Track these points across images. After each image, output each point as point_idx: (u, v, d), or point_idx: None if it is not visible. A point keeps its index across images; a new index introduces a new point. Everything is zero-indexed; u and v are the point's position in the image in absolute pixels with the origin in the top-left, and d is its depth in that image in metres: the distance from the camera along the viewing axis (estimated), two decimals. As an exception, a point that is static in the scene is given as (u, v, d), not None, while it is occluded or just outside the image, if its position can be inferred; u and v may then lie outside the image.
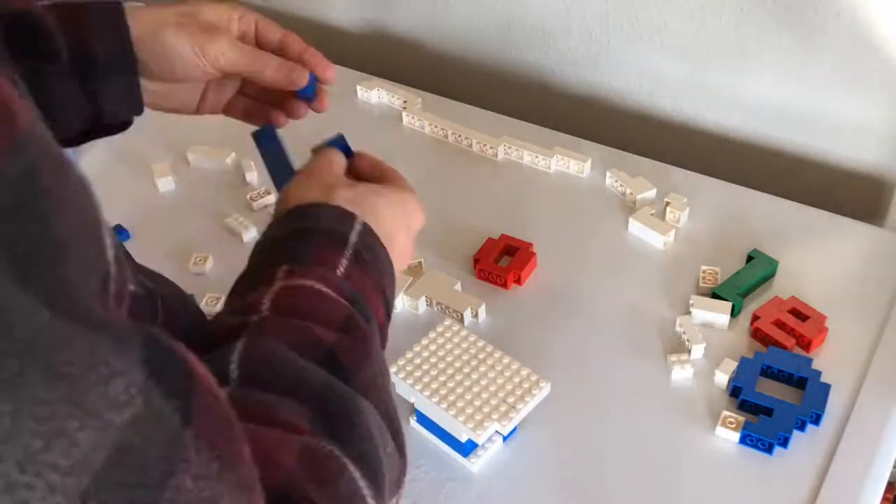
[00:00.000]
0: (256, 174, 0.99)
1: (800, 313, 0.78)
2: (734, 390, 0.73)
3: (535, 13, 1.13)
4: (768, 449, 0.69)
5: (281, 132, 0.67)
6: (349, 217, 0.54)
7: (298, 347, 0.44)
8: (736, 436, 0.69)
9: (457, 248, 0.89)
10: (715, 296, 0.80)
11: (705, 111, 1.07)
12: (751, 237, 0.88)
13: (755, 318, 0.78)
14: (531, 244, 0.86)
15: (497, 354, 0.68)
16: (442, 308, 0.81)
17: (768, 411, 0.70)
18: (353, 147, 0.66)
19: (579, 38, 1.11)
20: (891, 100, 0.93)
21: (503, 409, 0.65)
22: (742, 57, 1.00)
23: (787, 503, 0.65)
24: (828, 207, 0.91)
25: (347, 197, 0.55)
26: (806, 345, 0.76)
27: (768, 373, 0.73)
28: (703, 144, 1.10)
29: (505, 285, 0.83)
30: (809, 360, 0.74)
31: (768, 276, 0.83)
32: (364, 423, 0.43)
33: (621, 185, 0.94)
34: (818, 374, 0.72)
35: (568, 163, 0.98)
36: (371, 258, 0.53)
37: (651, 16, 1.03)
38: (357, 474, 0.41)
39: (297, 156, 0.65)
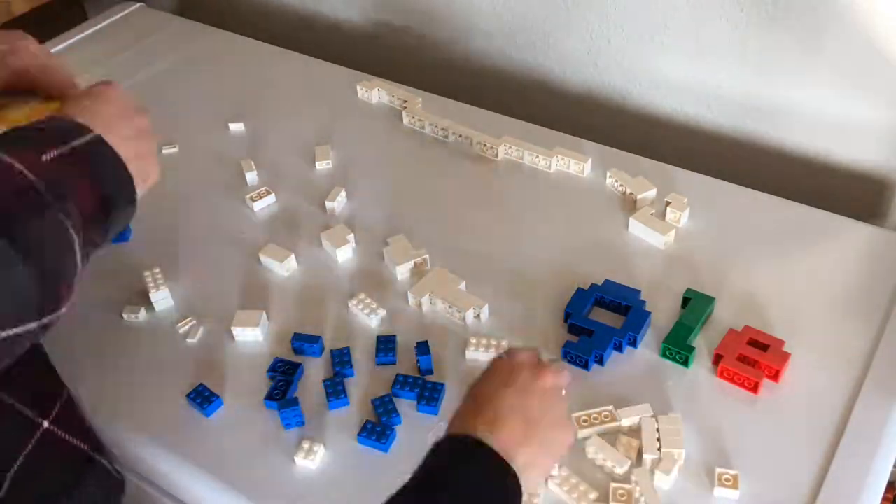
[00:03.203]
0: (256, 174, 0.99)
1: (758, 343, 0.75)
2: (566, 316, 0.79)
3: (535, 13, 1.13)
4: (584, 365, 0.75)
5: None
6: (78, 129, 0.61)
7: None
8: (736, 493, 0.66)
9: (458, 248, 0.89)
10: (666, 354, 0.76)
11: (705, 111, 1.07)
12: (751, 237, 0.88)
13: (718, 357, 0.75)
14: (783, 341, 0.76)
15: None
16: (446, 307, 0.81)
17: (590, 332, 0.77)
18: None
19: (579, 38, 1.11)
20: (891, 100, 0.93)
21: None
22: (742, 57, 1.00)
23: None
24: (828, 207, 0.91)
25: (84, 106, 0.64)
26: (774, 375, 0.74)
27: (601, 302, 0.81)
28: (703, 144, 1.10)
29: (755, 389, 0.73)
30: (638, 292, 0.80)
31: (709, 315, 0.80)
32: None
33: (621, 185, 0.94)
34: (643, 303, 0.79)
35: (568, 163, 0.98)
36: (95, 162, 0.60)
37: (651, 16, 1.03)
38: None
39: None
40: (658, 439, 0.68)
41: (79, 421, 0.74)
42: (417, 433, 0.71)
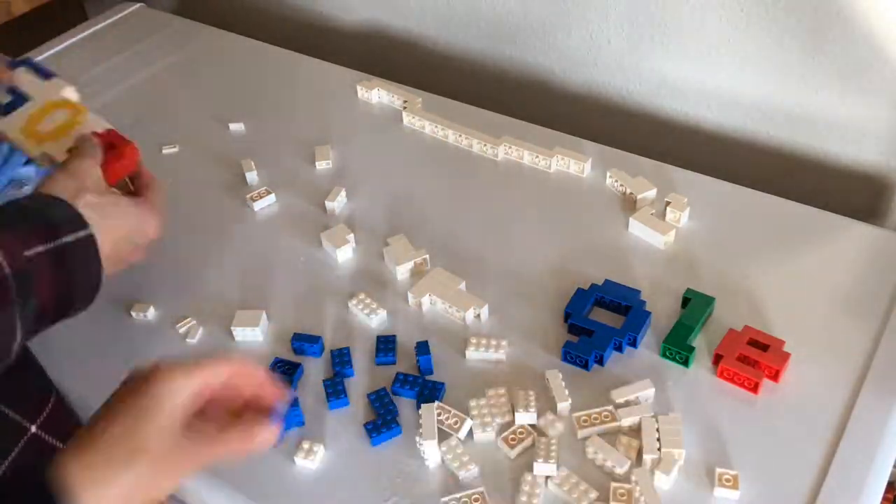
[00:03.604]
0: (256, 174, 0.99)
1: (758, 343, 0.75)
2: (566, 316, 0.80)
3: (535, 13, 1.13)
4: (584, 365, 0.75)
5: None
6: (77, 221, 0.63)
7: None
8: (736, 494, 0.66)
9: (460, 248, 0.89)
10: (666, 354, 0.76)
11: (705, 111, 1.07)
12: (751, 237, 0.88)
13: (718, 357, 0.75)
14: (783, 341, 0.75)
15: None
16: (446, 307, 0.81)
17: (590, 333, 0.77)
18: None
19: (579, 38, 1.11)
20: (891, 100, 0.93)
21: None
22: (742, 57, 1.00)
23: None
24: (828, 207, 0.91)
25: (89, 201, 0.66)
26: (774, 375, 0.74)
27: (601, 302, 0.81)
28: (703, 144, 1.10)
29: (755, 389, 0.73)
30: (638, 292, 0.81)
31: (709, 315, 0.80)
32: None
33: (621, 185, 0.94)
34: (643, 303, 0.80)
35: (568, 163, 0.98)
36: (76, 264, 0.62)
37: (651, 16, 1.03)
38: None
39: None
40: (658, 439, 0.68)
41: (67, 426, 0.73)
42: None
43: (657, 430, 0.69)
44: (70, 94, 0.80)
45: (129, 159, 0.75)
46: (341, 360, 0.77)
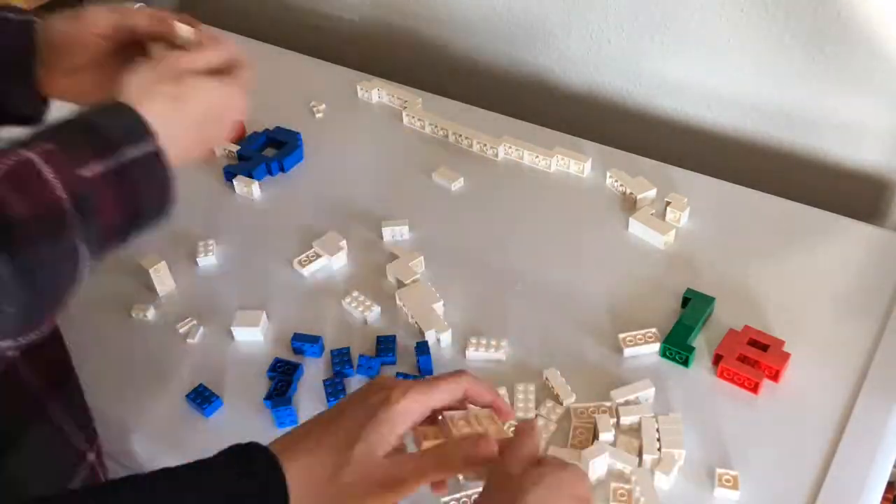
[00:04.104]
0: (256, 174, 0.99)
1: (758, 343, 0.75)
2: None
3: (535, 12, 1.13)
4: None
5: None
6: (145, 135, 0.55)
7: None
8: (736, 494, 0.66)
9: (460, 248, 0.89)
10: (666, 354, 0.76)
11: (705, 111, 1.07)
12: (751, 237, 0.88)
13: (718, 357, 0.75)
14: (783, 341, 0.76)
15: None
16: (413, 323, 0.80)
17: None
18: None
19: (579, 37, 1.11)
20: (891, 100, 0.93)
21: None
22: (742, 57, 1.00)
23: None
24: (828, 207, 0.91)
25: (164, 91, 0.58)
26: (774, 375, 0.74)
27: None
28: (703, 144, 1.10)
29: (755, 389, 0.73)
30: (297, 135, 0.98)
31: (709, 315, 0.80)
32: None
33: (621, 185, 0.94)
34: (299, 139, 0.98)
35: (568, 163, 0.98)
36: (141, 179, 0.55)
37: (651, 16, 1.03)
38: None
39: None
40: (658, 439, 0.68)
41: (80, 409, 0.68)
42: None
43: (657, 430, 0.69)
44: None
45: None
46: (341, 360, 0.77)
